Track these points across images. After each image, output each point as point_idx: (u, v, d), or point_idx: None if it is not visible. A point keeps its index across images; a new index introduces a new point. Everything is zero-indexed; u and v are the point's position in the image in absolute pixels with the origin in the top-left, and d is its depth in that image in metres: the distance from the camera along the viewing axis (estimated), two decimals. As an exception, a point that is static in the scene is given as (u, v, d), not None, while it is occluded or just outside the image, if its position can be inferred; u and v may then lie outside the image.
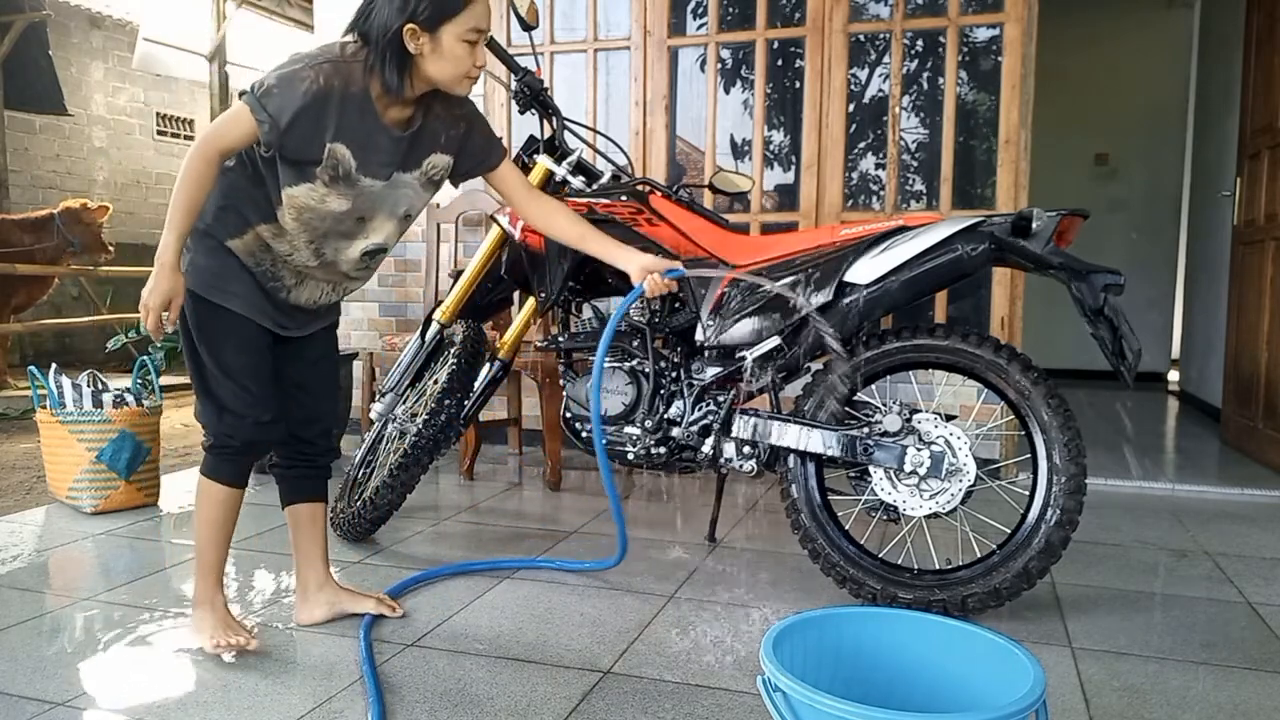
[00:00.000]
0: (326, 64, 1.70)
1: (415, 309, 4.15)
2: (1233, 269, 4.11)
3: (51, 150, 7.84)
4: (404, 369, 2.65)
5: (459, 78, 1.76)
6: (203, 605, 1.90)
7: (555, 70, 3.97)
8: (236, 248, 1.81)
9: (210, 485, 1.89)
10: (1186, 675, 1.79)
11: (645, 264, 1.99)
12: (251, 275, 1.83)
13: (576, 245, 2.05)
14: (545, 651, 1.87)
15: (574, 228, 2.03)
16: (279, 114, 1.66)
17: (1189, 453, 4.05)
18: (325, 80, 1.68)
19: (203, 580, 1.91)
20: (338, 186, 1.75)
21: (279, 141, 1.68)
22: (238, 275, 1.82)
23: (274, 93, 1.66)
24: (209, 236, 1.80)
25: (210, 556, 1.90)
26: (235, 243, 1.80)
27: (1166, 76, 6.44)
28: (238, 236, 1.80)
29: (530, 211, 2.03)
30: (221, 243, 1.80)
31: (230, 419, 1.84)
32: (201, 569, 1.91)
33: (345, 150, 1.72)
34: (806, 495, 2.19)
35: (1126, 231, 6.46)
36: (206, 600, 1.90)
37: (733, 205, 3.76)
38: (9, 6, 6.92)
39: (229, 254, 1.81)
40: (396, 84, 1.71)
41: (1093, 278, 1.91)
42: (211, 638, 1.84)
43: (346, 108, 1.71)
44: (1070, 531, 1.99)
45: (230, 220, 1.79)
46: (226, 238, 1.80)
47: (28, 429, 4.50)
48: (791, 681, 1.10)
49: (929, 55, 3.56)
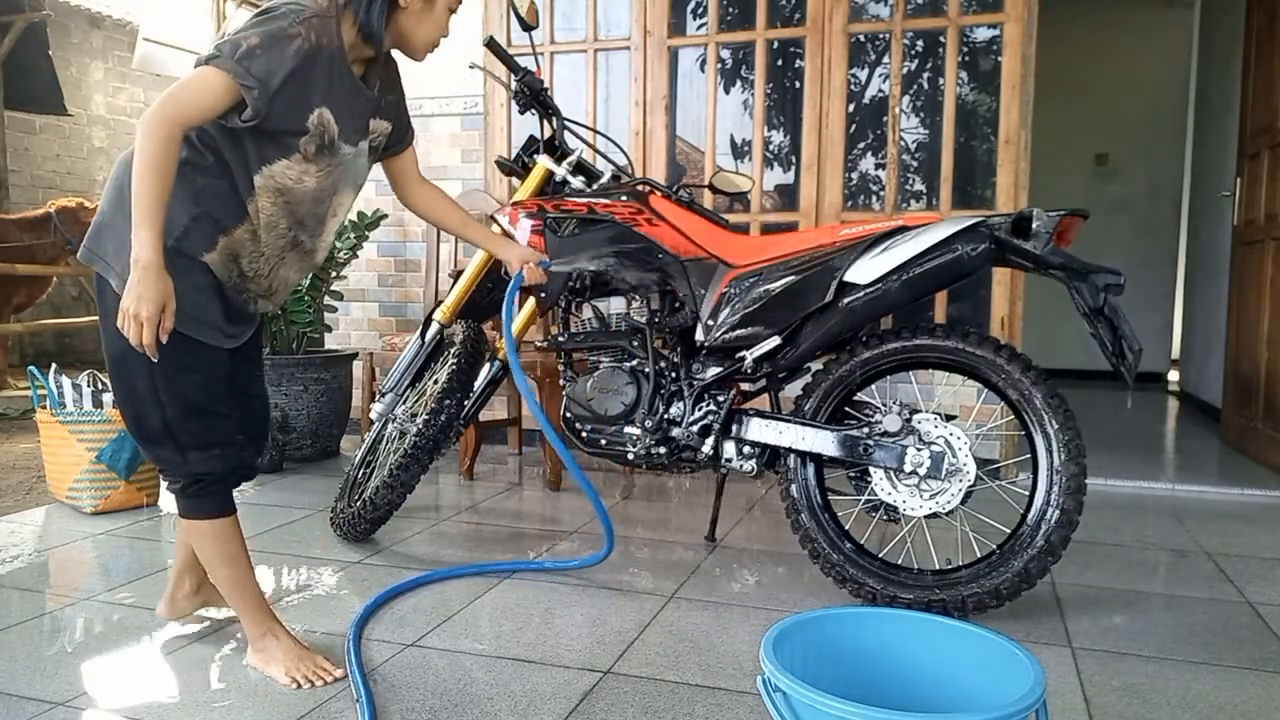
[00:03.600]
0: (314, 18, 1.56)
1: (415, 309, 4.15)
2: (1233, 269, 4.11)
3: (51, 150, 7.84)
4: (404, 369, 2.65)
5: (431, 43, 1.78)
6: (263, 638, 1.75)
7: (555, 70, 3.96)
8: (212, 263, 1.63)
9: (201, 525, 1.72)
10: (1186, 675, 1.79)
11: (523, 255, 2.16)
12: (221, 292, 1.66)
13: (458, 233, 2.08)
14: (545, 651, 1.87)
15: (454, 215, 2.04)
16: (268, 77, 1.50)
17: (1189, 453, 4.05)
18: (316, 38, 1.55)
19: (249, 617, 1.76)
20: (321, 159, 1.63)
21: (267, 109, 1.52)
22: (209, 296, 1.64)
23: (258, 53, 1.49)
24: (181, 255, 1.58)
25: (242, 590, 1.76)
26: (211, 257, 1.62)
27: (1166, 76, 6.44)
28: (212, 249, 1.62)
29: (415, 196, 1.99)
30: (196, 259, 1.61)
31: (198, 457, 1.67)
32: (240, 606, 1.76)
33: (330, 116, 1.61)
34: (806, 495, 2.19)
35: (1127, 231, 6.46)
36: (265, 631, 1.76)
37: (733, 205, 3.76)
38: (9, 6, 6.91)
39: (204, 272, 1.62)
40: (380, 33, 1.65)
41: (1093, 278, 1.91)
42: (287, 672, 1.70)
43: (332, 68, 1.59)
44: (1070, 531, 1.98)
45: (206, 230, 1.60)
46: (202, 252, 1.61)
47: (28, 429, 4.50)
48: (791, 681, 1.10)
49: (929, 55, 3.56)
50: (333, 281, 3.86)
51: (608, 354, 2.40)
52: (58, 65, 7.56)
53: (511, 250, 2.17)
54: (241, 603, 1.77)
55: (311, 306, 3.70)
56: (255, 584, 1.80)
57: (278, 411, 3.57)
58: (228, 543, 1.75)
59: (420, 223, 4.07)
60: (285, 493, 3.19)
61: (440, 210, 2.03)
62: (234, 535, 1.76)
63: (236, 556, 1.76)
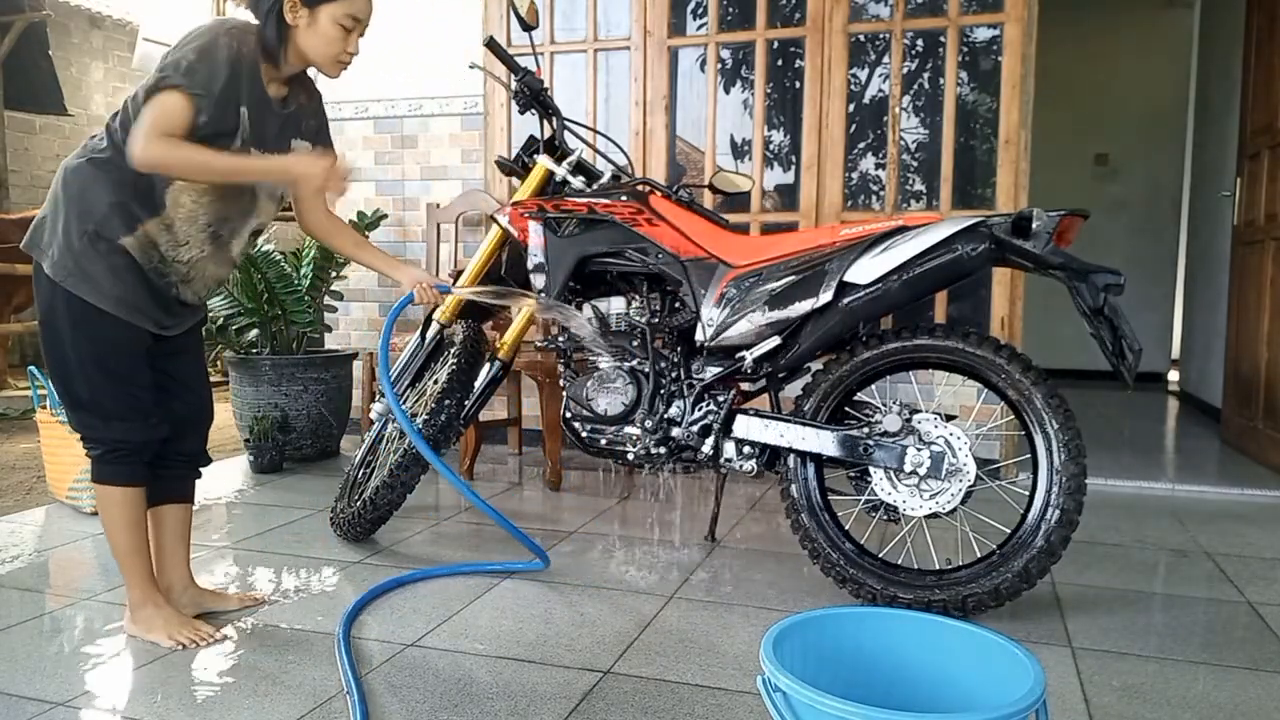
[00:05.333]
0: (235, 29, 1.77)
1: (415, 309, 4.14)
2: (1233, 269, 4.11)
3: (51, 150, 7.83)
4: (404, 369, 2.65)
5: (330, 58, 1.85)
6: (144, 606, 1.90)
7: (555, 70, 3.96)
8: (130, 245, 1.78)
9: (112, 491, 1.85)
10: (1186, 675, 1.79)
11: (415, 276, 2.21)
12: (142, 274, 1.80)
13: (352, 256, 2.15)
14: (545, 651, 1.87)
15: (350, 238, 2.13)
16: (210, 83, 1.71)
17: (1189, 453, 4.05)
18: (239, 45, 1.75)
19: (138, 585, 1.90)
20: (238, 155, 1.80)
21: (211, 112, 1.72)
22: (127, 277, 1.78)
23: (197, 67, 1.70)
24: (100, 239, 1.75)
25: (136, 559, 1.89)
26: (129, 240, 1.78)
27: (1166, 76, 6.44)
28: (129, 234, 1.77)
29: (312, 220, 2.07)
30: (114, 242, 1.76)
31: (119, 425, 1.82)
32: (130, 573, 1.89)
33: (246, 115, 1.78)
34: (806, 495, 2.19)
35: (1126, 231, 6.46)
36: (147, 601, 1.90)
37: (733, 205, 3.76)
38: (9, 6, 6.91)
39: (121, 253, 1.77)
40: (275, 48, 1.79)
41: (1093, 278, 1.91)
42: (170, 635, 1.87)
43: (250, 75, 1.78)
44: (1070, 531, 1.99)
45: (122, 217, 1.76)
46: (119, 235, 1.76)
47: (28, 429, 4.50)
48: (791, 681, 1.10)
49: (929, 55, 3.56)
50: (333, 281, 3.86)
51: (608, 354, 2.40)
52: (58, 65, 7.56)
53: (406, 272, 2.21)
54: (131, 570, 1.89)
55: (311, 306, 3.70)
56: (148, 556, 1.93)
57: (278, 411, 3.57)
58: (132, 510, 1.88)
59: (420, 223, 4.07)
60: (285, 493, 3.19)
61: (335, 235, 2.12)
62: (139, 505, 1.89)
63: (137, 525, 1.89)
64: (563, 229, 2.36)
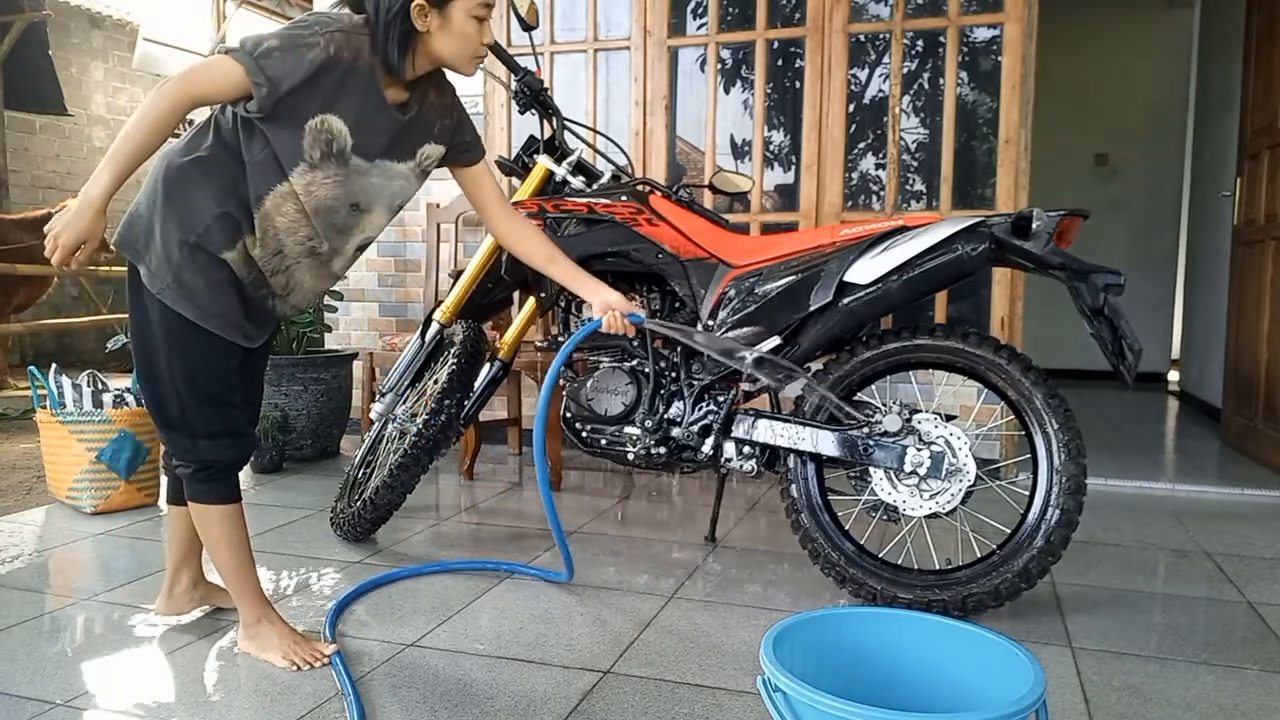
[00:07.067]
0: (339, 33, 1.61)
1: (415, 309, 4.15)
2: (1233, 269, 4.11)
3: (51, 150, 7.83)
4: (404, 369, 2.65)
5: (468, 57, 1.73)
6: (258, 624, 1.82)
7: (555, 70, 3.96)
8: (232, 261, 1.68)
9: (210, 510, 1.78)
10: (1186, 675, 1.79)
11: (609, 300, 2.00)
12: (240, 288, 1.71)
13: (543, 268, 1.98)
14: (545, 651, 1.87)
15: (544, 248, 1.97)
16: (279, 79, 1.56)
17: (1189, 453, 4.05)
18: (335, 50, 1.59)
19: (249, 603, 1.82)
20: (327, 166, 1.65)
21: (272, 109, 1.58)
22: (228, 292, 1.69)
23: (276, 55, 1.56)
24: (200, 250, 1.65)
25: (243, 576, 1.82)
26: (230, 255, 1.67)
27: (1166, 76, 6.44)
28: (232, 248, 1.67)
29: (499, 222, 1.95)
30: (216, 256, 1.66)
31: (207, 445, 1.74)
32: (239, 591, 1.82)
33: (341, 125, 1.63)
34: (806, 495, 2.19)
35: (1126, 232, 6.46)
36: (260, 618, 1.82)
37: (733, 205, 3.76)
38: (9, 6, 6.91)
39: (223, 268, 1.67)
40: (398, 62, 1.65)
41: (1093, 278, 1.91)
42: (284, 655, 1.77)
43: (349, 81, 1.62)
44: (1070, 531, 1.98)
45: (226, 229, 1.66)
46: (221, 249, 1.66)
47: (28, 429, 4.50)
48: (791, 681, 1.10)
49: (929, 55, 3.56)
50: (333, 281, 3.86)
51: (608, 354, 2.40)
52: (58, 65, 7.55)
53: (599, 293, 2.01)
54: (240, 588, 1.82)
55: (311, 306, 3.70)
56: (254, 571, 1.85)
57: (278, 411, 3.56)
58: (233, 528, 1.81)
59: (420, 223, 4.07)
60: (285, 493, 3.19)
61: (525, 240, 1.97)
62: (239, 521, 1.82)
63: (240, 542, 1.82)
64: (563, 229, 2.36)
